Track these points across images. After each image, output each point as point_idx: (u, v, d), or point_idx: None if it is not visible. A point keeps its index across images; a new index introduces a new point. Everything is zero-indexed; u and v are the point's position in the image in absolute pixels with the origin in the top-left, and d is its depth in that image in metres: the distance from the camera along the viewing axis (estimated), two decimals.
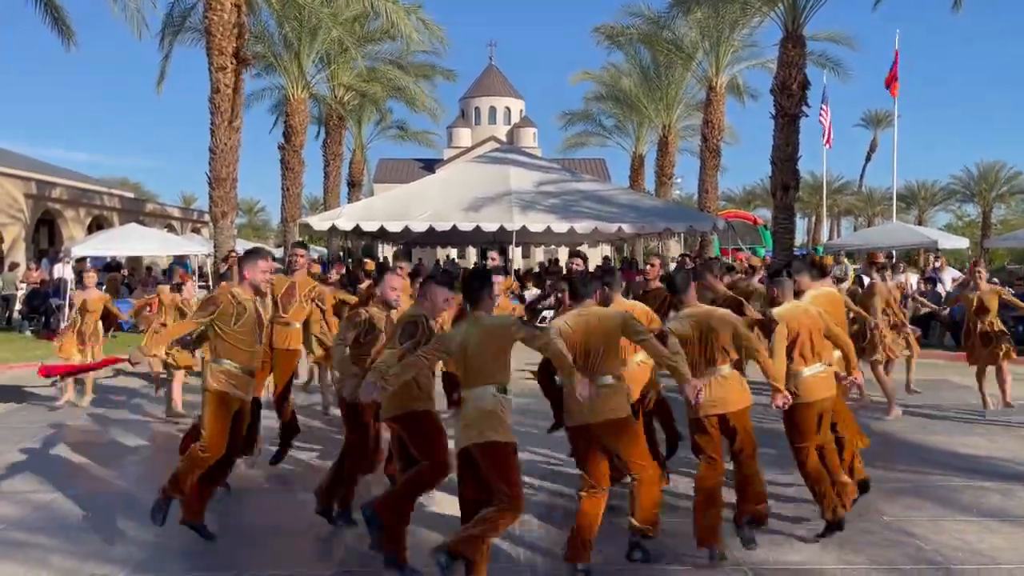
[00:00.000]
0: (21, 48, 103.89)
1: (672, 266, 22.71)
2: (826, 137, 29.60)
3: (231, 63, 18.47)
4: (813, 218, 64.00)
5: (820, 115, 28.71)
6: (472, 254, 38.17)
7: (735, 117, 62.74)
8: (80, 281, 10.68)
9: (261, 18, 23.36)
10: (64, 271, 18.51)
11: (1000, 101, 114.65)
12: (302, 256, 7.57)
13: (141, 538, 5.60)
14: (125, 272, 23.67)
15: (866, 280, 21.54)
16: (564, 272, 10.63)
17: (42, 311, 19.15)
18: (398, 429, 4.98)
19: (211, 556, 5.29)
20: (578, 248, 14.84)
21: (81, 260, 20.93)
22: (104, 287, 19.96)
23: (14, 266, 21.68)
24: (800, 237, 51.73)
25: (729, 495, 5.32)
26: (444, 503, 5.91)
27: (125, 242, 19.68)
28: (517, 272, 22.46)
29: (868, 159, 56.68)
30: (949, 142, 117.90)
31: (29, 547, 5.42)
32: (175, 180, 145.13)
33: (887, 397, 9.32)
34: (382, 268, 6.84)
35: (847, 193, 66.55)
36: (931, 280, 17.94)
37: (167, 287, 10.00)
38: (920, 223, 56.40)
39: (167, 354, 8.81)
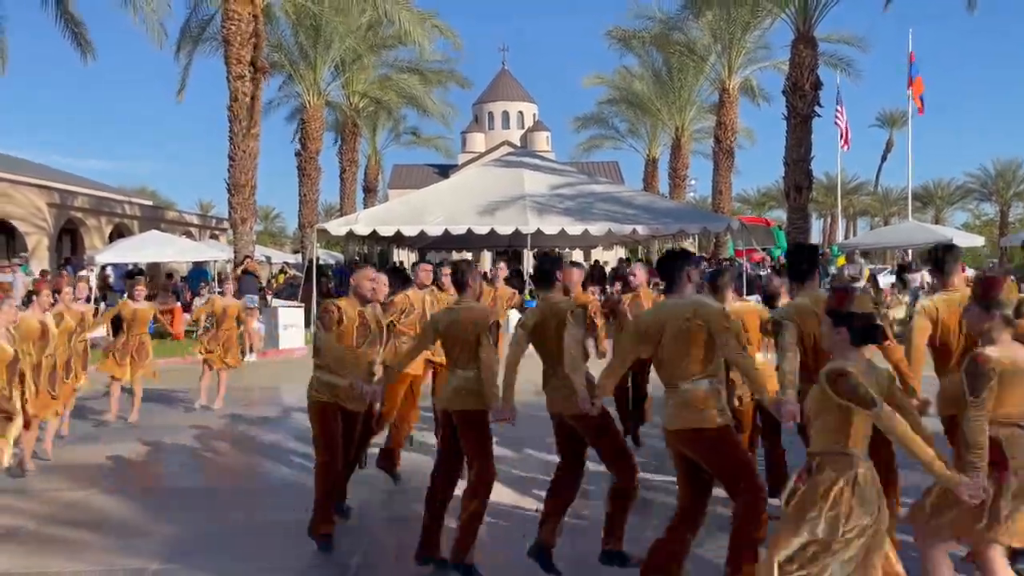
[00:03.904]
0: (27, 54, 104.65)
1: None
2: (844, 139, 29.51)
3: (249, 72, 18.79)
4: (829, 218, 63.79)
5: (836, 117, 28.67)
6: (487, 258, 38.34)
7: (751, 119, 62.82)
8: (131, 294, 10.01)
9: (278, 27, 23.69)
10: (89, 278, 18.81)
11: (1018, 98, 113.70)
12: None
13: (170, 532, 5.80)
14: (147, 279, 23.99)
15: (881, 281, 21.55)
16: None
17: None
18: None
19: (236, 548, 5.49)
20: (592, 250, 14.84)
21: (103, 267, 21.30)
22: (124, 294, 20.31)
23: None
24: (816, 237, 51.66)
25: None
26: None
27: (146, 249, 19.99)
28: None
29: (884, 159, 56.51)
30: (967, 141, 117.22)
31: (64, 542, 5.63)
32: (190, 187, 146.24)
33: None
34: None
35: (863, 193, 66.29)
36: None
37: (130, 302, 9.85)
38: (937, 222, 56.12)
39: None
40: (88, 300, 9.52)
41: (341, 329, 5.39)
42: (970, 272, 19.49)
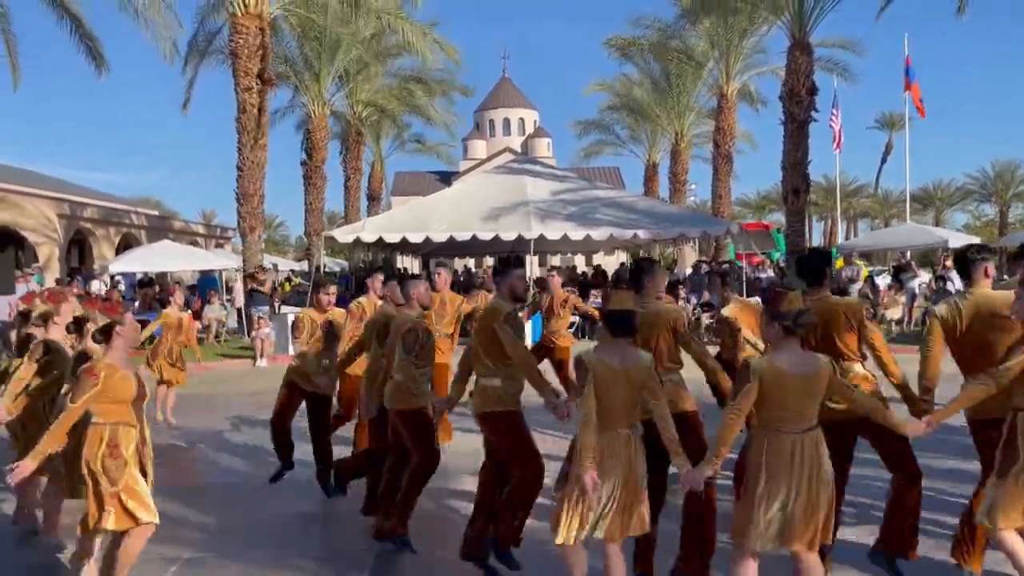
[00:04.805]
0: (30, 62, 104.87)
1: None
2: (836, 142, 29.88)
3: (256, 84, 19.19)
4: (829, 221, 64.03)
5: (831, 120, 29.03)
6: (490, 263, 38.76)
7: (750, 123, 63.22)
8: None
9: (283, 39, 24.10)
10: (101, 288, 19.20)
11: (1016, 99, 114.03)
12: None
13: (203, 523, 6.18)
14: (158, 288, 24.36)
15: (879, 283, 21.92)
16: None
17: None
18: None
19: (267, 538, 5.84)
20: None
21: (113, 277, 21.68)
22: (137, 303, 20.70)
23: None
24: (816, 240, 51.93)
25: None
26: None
27: (157, 258, 20.38)
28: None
29: (883, 161, 56.79)
30: (967, 143, 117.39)
31: None
32: (192, 196, 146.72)
33: None
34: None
35: (863, 196, 66.51)
36: (942, 279, 18.31)
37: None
38: (937, 223, 56.38)
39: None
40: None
41: None
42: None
